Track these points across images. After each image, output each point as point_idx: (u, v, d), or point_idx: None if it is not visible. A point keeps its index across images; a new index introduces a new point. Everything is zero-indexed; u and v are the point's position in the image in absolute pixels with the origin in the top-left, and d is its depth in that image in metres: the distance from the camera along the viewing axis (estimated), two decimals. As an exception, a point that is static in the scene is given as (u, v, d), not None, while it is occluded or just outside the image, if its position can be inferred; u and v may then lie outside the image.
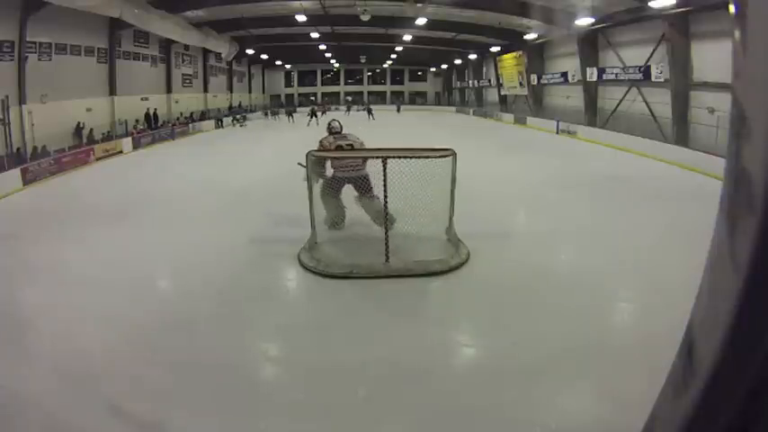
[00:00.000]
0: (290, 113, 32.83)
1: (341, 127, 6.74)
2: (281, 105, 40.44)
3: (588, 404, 3.22)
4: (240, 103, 34.22)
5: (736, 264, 0.52)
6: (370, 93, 44.99)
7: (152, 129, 20.86)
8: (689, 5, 12.81)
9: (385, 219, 5.47)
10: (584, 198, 8.93)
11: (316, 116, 27.62)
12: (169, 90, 24.24)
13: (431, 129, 23.91)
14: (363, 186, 6.23)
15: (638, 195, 9.09)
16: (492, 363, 3.71)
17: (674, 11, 13.22)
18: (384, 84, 45.73)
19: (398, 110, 39.99)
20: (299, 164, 6.17)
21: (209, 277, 5.37)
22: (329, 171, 6.39)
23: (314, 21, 23.02)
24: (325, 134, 6.70)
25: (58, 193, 10.72)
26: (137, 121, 20.27)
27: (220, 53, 26.97)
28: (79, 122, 16.71)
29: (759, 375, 0.50)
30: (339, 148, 6.31)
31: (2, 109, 13.06)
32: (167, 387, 3.36)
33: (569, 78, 21.00)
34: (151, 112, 21.58)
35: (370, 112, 32.46)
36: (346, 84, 45.75)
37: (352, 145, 6.37)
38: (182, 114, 24.48)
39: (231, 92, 33.25)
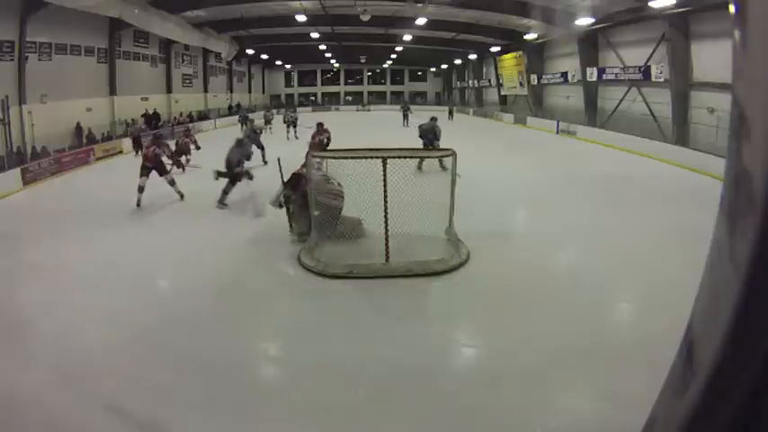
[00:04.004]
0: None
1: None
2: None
3: (588, 404, 3.23)
4: (239, 102, 34.16)
5: (736, 264, 0.52)
6: (369, 93, 44.85)
7: (152, 129, 20.84)
8: (689, 5, 12.80)
9: (386, 223, 5.46)
10: (584, 198, 8.93)
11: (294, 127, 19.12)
12: (169, 90, 24.23)
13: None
14: None
15: (638, 195, 9.09)
16: (492, 362, 3.72)
17: (674, 11, 13.20)
18: (384, 84, 45.66)
19: (451, 115, 28.42)
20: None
21: (209, 277, 5.38)
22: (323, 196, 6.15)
23: (314, 21, 23.00)
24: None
25: (58, 193, 10.70)
26: (133, 120, 20.24)
27: (220, 53, 26.94)
28: (78, 123, 16.70)
29: (759, 375, 0.50)
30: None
31: (2, 109, 13.03)
32: (167, 386, 3.36)
33: (569, 78, 20.98)
34: (150, 112, 21.54)
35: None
36: (346, 84, 45.70)
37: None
38: (181, 114, 24.41)
39: (231, 92, 33.23)
